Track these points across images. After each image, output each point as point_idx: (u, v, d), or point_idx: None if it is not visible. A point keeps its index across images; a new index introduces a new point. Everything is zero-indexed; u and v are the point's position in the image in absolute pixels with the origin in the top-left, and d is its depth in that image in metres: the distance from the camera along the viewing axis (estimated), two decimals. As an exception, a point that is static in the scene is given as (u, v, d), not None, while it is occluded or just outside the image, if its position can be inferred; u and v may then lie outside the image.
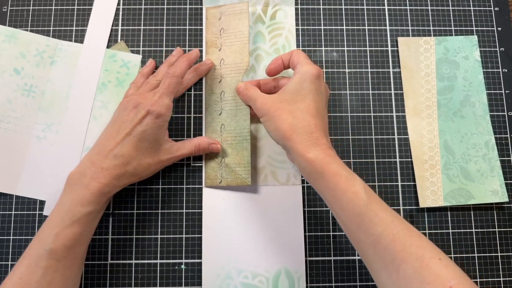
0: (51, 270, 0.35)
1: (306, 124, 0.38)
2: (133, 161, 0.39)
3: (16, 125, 0.45)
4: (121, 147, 0.39)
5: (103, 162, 0.38)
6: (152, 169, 0.42)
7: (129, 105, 0.41)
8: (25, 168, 0.45)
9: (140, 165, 0.40)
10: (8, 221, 0.44)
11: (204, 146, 0.44)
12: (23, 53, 0.47)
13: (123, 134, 0.39)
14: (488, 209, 0.46)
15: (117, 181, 0.39)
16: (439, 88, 0.48)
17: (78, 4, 0.49)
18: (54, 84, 0.47)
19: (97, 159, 0.39)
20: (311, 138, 0.37)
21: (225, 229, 0.44)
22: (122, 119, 0.41)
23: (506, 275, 0.44)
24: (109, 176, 0.38)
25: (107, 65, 0.48)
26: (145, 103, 0.40)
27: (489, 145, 0.46)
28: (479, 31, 0.50)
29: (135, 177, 0.41)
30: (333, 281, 0.43)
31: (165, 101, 0.40)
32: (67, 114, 0.46)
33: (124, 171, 0.39)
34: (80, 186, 0.37)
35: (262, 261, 0.43)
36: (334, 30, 0.49)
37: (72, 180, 0.38)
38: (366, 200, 0.34)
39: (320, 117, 0.39)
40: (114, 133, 0.40)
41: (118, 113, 0.42)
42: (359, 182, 0.35)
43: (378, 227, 0.33)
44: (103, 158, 0.39)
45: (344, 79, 0.48)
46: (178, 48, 0.47)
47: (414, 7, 0.50)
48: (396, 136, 0.47)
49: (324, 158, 0.36)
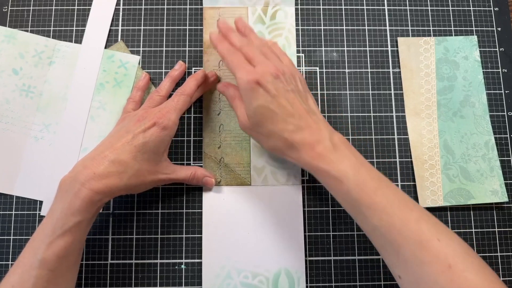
0: (43, 279, 0.35)
1: (285, 145, 0.40)
2: (129, 170, 0.39)
3: (13, 125, 0.47)
4: (118, 154, 0.39)
5: (97, 167, 0.38)
6: (146, 185, 0.42)
7: (132, 118, 0.42)
8: (23, 169, 0.47)
9: (135, 177, 0.40)
10: (8, 221, 0.46)
11: (199, 176, 0.45)
12: (22, 54, 0.49)
13: (123, 141, 0.40)
14: (488, 209, 0.48)
15: (108, 189, 0.38)
16: (439, 88, 0.51)
17: (78, 4, 0.51)
18: (52, 85, 0.49)
19: (91, 163, 0.39)
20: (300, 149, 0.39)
21: (225, 229, 0.46)
22: (124, 129, 0.41)
23: (506, 275, 0.47)
24: (101, 183, 0.38)
25: (105, 66, 0.50)
26: (151, 116, 0.41)
27: (489, 145, 0.49)
28: (479, 31, 0.53)
29: (126, 190, 0.40)
30: (333, 281, 0.46)
31: (172, 116, 0.41)
32: (64, 114, 0.48)
33: (118, 180, 0.39)
34: (71, 193, 0.37)
35: (262, 261, 0.45)
36: (334, 30, 0.52)
37: (64, 185, 0.38)
38: (353, 187, 0.37)
39: (290, 116, 0.39)
40: (114, 140, 0.40)
41: (119, 125, 0.43)
42: (345, 166, 0.37)
43: (372, 219, 0.36)
44: (97, 163, 0.38)
45: (344, 79, 0.51)
46: (180, 62, 0.49)
47: (414, 7, 0.53)
48: (396, 136, 0.50)
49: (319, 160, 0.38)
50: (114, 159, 0.39)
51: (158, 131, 0.40)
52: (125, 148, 0.39)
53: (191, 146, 0.49)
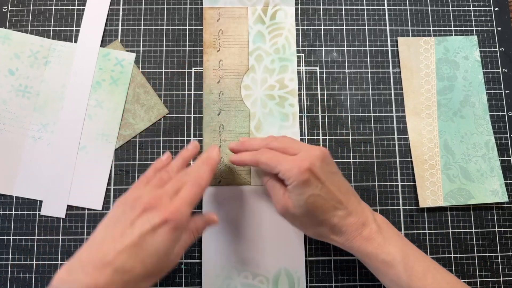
0: None
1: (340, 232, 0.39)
2: (137, 277, 0.33)
3: (11, 126, 0.48)
4: (124, 260, 0.33)
5: (99, 277, 0.32)
6: (160, 277, 0.37)
7: (138, 204, 0.36)
8: (22, 169, 0.47)
9: (144, 281, 0.34)
10: (8, 221, 0.47)
11: (200, 225, 0.40)
12: (17, 54, 0.49)
13: (128, 241, 0.33)
14: (488, 209, 0.49)
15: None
16: (439, 88, 0.51)
17: (78, 4, 0.52)
18: (48, 84, 0.49)
19: (92, 271, 0.32)
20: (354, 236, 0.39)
21: (225, 229, 0.47)
22: (129, 219, 0.35)
23: (506, 275, 0.47)
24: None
25: (101, 64, 0.50)
26: (161, 208, 0.35)
27: (489, 145, 0.50)
28: (479, 31, 0.53)
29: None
30: (333, 281, 0.46)
31: (186, 210, 0.36)
32: (62, 113, 0.48)
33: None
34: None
35: (262, 261, 0.46)
36: (334, 30, 0.53)
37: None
38: (402, 271, 0.37)
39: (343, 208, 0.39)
40: (117, 235, 0.34)
41: (122, 210, 0.36)
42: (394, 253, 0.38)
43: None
44: (99, 272, 0.32)
45: (344, 79, 0.51)
46: (195, 143, 0.44)
47: (414, 7, 0.53)
48: (396, 136, 0.50)
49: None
50: (119, 267, 0.33)
51: (169, 232, 0.35)
52: (132, 252, 0.33)
53: (191, 146, 0.49)
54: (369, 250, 0.38)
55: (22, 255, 0.46)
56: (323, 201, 0.38)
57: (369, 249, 0.38)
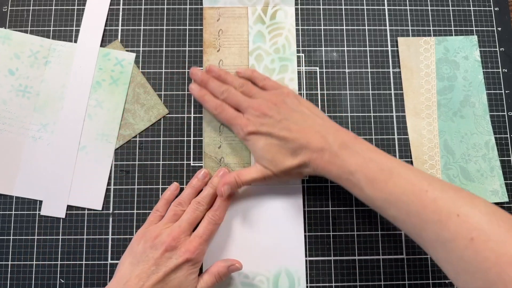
0: None
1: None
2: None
3: (11, 126, 0.48)
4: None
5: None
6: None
7: (159, 245, 0.40)
8: (22, 169, 0.47)
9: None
10: (8, 221, 0.47)
11: (223, 271, 0.43)
12: (17, 54, 0.49)
13: (154, 280, 0.38)
14: None
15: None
16: (439, 88, 0.52)
17: (78, 4, 0.52)
18: (48, 84, 0.49)
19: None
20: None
21: (225, 229, 0.47)
22: (152, 259, 0.40)
23: None
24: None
25: (101, 64, 0.50)
26: (181, 248, 0.40)
27: (489, 145, 0.50)
28: (479, 31, 0.53)
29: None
30: (333, 281, 0.47)
31: (205, 248, 0.42)
32: (62, 114, 0.49)
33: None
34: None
35: (262, 261, 0.46)
36: (334, 30, 0.53)
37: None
38: (364, 185, 0.38)
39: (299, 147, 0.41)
40: (143, 275, 0.39)
41: (143, 248, 0.41)
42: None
43: (389, 211, 0.37)
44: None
45: (344, 79, 0.52)
46: (205, 171, 0.47)
47: (414, 7, 0.54)
48: (396, 136, 0.50)
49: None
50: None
51: (190, 268, 0.40)
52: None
53: (191, 146, 0.49)
54: (334, 173, 0.40)
55: (22, 255, 0.47)
56: (276, 147, 0.42)
57: (333, 171, 0.40)
